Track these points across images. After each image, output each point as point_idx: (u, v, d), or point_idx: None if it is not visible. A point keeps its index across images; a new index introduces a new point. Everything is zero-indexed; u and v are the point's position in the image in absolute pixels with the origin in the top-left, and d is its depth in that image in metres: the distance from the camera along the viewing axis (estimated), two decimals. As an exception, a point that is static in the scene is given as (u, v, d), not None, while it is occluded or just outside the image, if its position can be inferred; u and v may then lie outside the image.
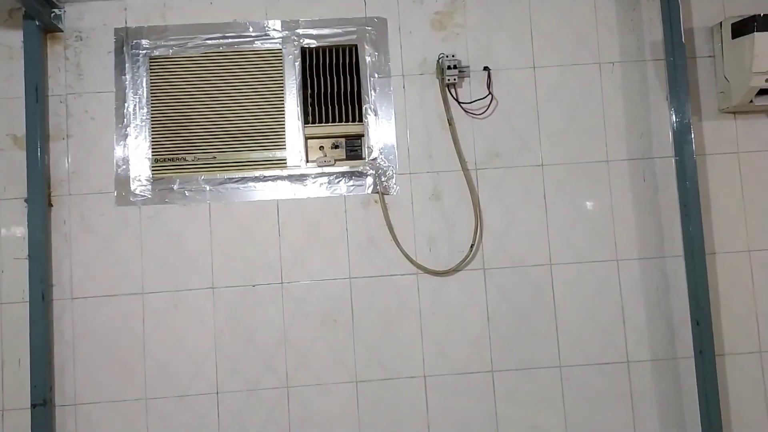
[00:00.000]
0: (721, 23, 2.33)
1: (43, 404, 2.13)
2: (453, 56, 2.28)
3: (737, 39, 2.24)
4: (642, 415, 2.29)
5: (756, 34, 2.15)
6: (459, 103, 2.32)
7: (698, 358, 2.22)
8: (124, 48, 2.32)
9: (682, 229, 2.28)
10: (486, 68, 2.34)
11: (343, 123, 2.33)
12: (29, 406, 2.14)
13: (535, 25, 2.37)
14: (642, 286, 2.32)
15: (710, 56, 2.38)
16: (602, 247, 2.33)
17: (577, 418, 2.27)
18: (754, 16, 2.18)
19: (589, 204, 2.34)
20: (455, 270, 2.30)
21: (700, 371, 2.22)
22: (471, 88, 2.35)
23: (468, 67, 2.34)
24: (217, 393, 2.23)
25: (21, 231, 2.24)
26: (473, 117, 2.34)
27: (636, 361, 2.30)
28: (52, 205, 2.26)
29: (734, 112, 2.36)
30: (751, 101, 2.25)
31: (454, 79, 2.28)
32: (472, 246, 2.29)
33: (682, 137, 2.26)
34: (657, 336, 2.31)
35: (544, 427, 2.27)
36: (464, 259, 2.29)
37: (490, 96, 2.33)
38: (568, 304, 2.31)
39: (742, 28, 2.21)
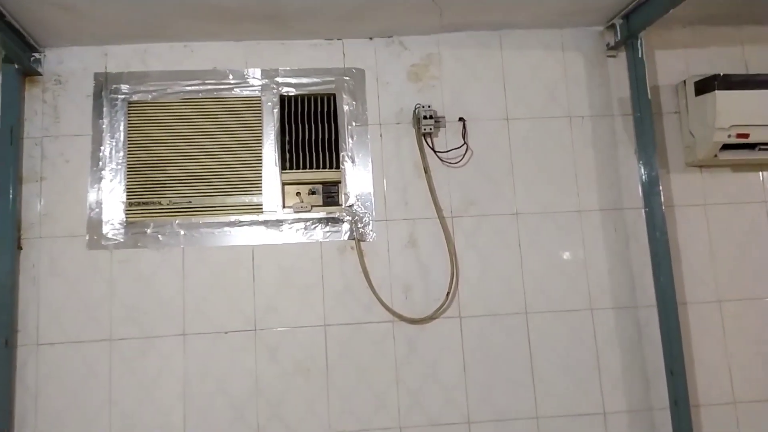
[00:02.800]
0: (685, 81, 2.43)
1: (-2, 457, 2.04)
2: (429, 107, 2.34)
3: (700, 96, 2.33)
4: (619, 467, 2.26)
5: (717, 92, 2.25)
6: (435, 152, 2.37)
7: (674, 409, 2.21)
8: (103, 92, 2.33)
9: (654, 279, 2.31)
10: (461, 119, 2.40)
11: (320, 169, 2.34)
12: (-16, 459, 2.04)
13: (508, 79, 2.44)
14: (616, 336, 2.33)
15: (676, 112, 2.48)
16: (576, 296, 2.35)
17: (553, 471, 2.24)
18: (715, 75, 2.28)
19: (562, 253, 2.36)
20: (431, 318, 2.29)
21: (676, 422, 2.20)
22: (446, 138, 2.40)
23: (443, 117, 2.40)
24: (184, 445, 2.16)
25: (-13, 274, 2.19)
26: (449, 166, 2.38)
27: (612, 413, 2.29)
28: (21, 248, 2.22)
29: (700, 166, 2.44)
30: (716, 155, 2.33)
31: (430, 129, 2.33)
32: (448, 294, 2.29)
33: (650, 189, 2.32)
34: (632, 386, 2.30)
35: (521, 480, 2.23)
36: (440, 307, 2.29)
37: (465, 146, 2.38)
38: (544, 354, 2.31)
39: (704, 86, 2.32)
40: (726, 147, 2.31)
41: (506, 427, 2.25)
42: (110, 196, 2.28)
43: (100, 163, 2.30)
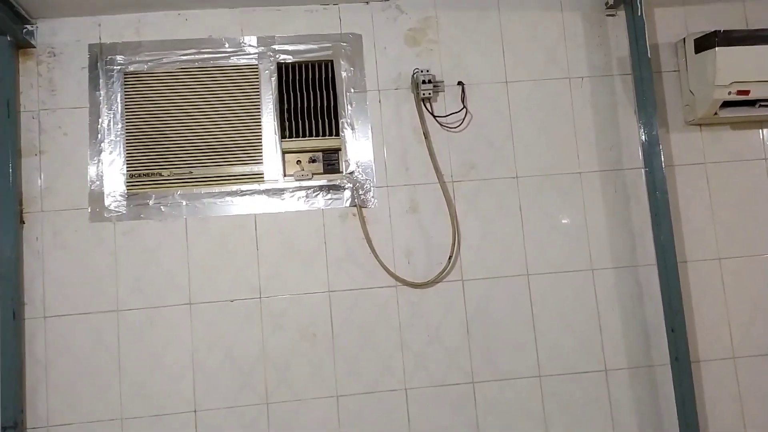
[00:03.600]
0: (684, 39, 2.41)
1: (13, 427, 2.07)
2: (427, 71, 2.32)
3: (700, 54, 2.32)
4: (621, 422, 2.31)
5: (717, 49, 2.24)
6: (434, 116, 2.36)
7: (674, 364, 2.25)
8: (98, 64, 2.31)
9: (654, 238, 2.32)
10: (460, 83, 2.38)
11: (320, 137, 2.34)
12: (-2, 429, 2.08)
13: (507, 41, 2.42)
14: (617, 295, 2.36)
15: (675, 70, 2.47)
16: (577, 257, 2.37)
17: (557, 428, 2.28)
18: (715, 31, 2.26)
19: (562, 215, 2.38)
20: (434, 282, 2.31)
21: (677, 378, 2.24)
22: (446, 103, 2.39)
23: (442, 81, 2.39)
24: (195, 411, 2.19)
25: (-9, 249, 2.20)
26: (448, 130, 2.38)
27: (613, 370, 2.33)
28: (23, 223, 2.22)
29: (700, 124, 2.44)
30: (716, 113, 2.33)
31: (429, 94, 2.32)
32: (450, 257, 2.31)
33: (650, 149, 2.32)
34: (633, 344, 2.34)
35: (525, 437, 2.28)
36: (442, 271, 2.31)
37: (464, 110, 2.37)
38: (546, 314, 2.34)
39: (704, 43, 2.30)
40: (726, 104, 2.31)
41: (509, 386, 2.30)
42: (110, 169, 2.27)
43: (99, 135, 2.29)
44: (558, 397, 2.30)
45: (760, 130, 2.47)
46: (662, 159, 2.29)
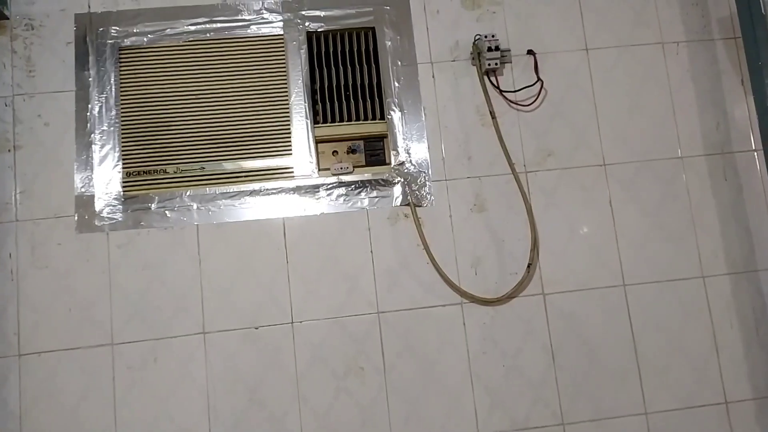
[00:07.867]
0: (798, -8, 1.99)
1: (-24, 501, 1.59)
2: (493, 36, 1.90)
3: (825, 7, 1.90)
4: (750, 468, 1.83)
5: None
6: (501, 92, 1.93)
7: (816, 392, 1.79)
8: (88, 38, 1.89)
9: (780, 234, 1.89)
10: (530, 52, 1.96)
11: (361, 122, 1.92)
12: (-42, 504, 1.60)
13: (585, 0, 2.01)
14: (735, 307, 1.90)
15: (787, 31, 2.05)
16: (684, 262, 1.92)
17: (673, 478, 1.81)
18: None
19: (662, 209, 1.93)
20: (509, 297, 1.85)
21: (821, 410, 1.78)
22: (513, 77, 1.97)
23: (509, 51, 1.96)
24: (213, 471, 1.72)
25: (-49, 269, 1.74)
26: (519, 109, 1.94)
27: (736, 401, 1.86)
28: (-7, 235, 1.78)
29: (821, 95, 2.01)
30: None
31: (496, 64, 1.89)
32: (528, 266, 1.85)
33: (766, 125, 1.88)
34: (758, 368, 1.88)
35: (634, 492, 1.80)
36: (519, 283, 1.85)
37: (539, 82, 1.93)
38: (649, 334, 1.88)
39: (831, -8, 1.88)
40: None
41: (609, 427, 1.83)
42: (103, 165, 1.83)
43: (89, 124, 1.85)
44: (670, 438, 1.84)
45: None
46: (784, 137, 1.86)
